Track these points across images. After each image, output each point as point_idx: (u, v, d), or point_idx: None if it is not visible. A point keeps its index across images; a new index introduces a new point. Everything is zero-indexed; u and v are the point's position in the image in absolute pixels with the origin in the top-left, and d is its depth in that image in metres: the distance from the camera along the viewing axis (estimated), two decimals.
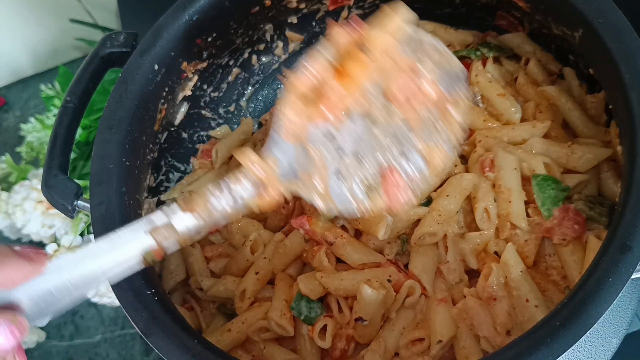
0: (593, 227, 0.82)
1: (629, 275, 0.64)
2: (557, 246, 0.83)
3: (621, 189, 0.73)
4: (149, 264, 0.62)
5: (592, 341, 0.81)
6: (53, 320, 1.20)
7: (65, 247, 1.18)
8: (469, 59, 1.03)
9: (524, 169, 0.87)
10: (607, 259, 0.66)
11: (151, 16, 0.95)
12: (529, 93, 0.96)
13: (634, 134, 0.72)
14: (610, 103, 0.84)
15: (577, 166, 0.87)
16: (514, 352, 0.63)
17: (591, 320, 0.63)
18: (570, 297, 0.65)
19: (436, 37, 1.03)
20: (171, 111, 1.01)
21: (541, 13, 0.93)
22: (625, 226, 0.67)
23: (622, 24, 0.78)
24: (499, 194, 0.86)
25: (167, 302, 0.77)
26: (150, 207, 0.99)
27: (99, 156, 0.84)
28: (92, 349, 1.19)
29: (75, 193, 0.85)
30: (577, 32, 0.85)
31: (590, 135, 0.91)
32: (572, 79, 0.96)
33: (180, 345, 0.70)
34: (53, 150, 0.87)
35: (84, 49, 1.56)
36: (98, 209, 0.80)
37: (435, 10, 1.09)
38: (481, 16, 1.06)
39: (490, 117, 0.95)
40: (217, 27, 0.98)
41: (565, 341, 0.62)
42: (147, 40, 0.91)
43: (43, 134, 1.31)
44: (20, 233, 1.26)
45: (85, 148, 1.31)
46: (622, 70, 0.75)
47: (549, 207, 0.83)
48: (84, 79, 0.92)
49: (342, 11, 1.10)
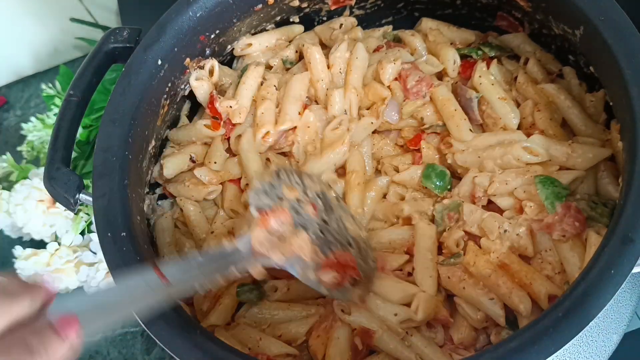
0: (593, 225, 0.83)
1: (630, 268, 0.65)
2: (555, 242, 0.84)
3: (622, 183, 0.74)
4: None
5: (593, 337, 0.82)
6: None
7: (66, 246, 1.18)
8: (470, 58, 1.03)
9: (510, 161, 0.88)
10: (608, 252, 0.66)
11: (151, 15, 0.95)
12: (529, 92, 0.97)
13: (635, 129, 0.72)
14: (610, 100, 0.85)
15: (576, 164, 0.87)
16: (517, 343, 0.63)
17: (593, 311, 0.63)
18: (572, 289, 0.66)
19: (440, 34, 1.04)
20: (174, 107, 1.01)
21: (542, 12, 0.94)
22: (626, 219, 0.67)
23: (623, 21, 0.78)
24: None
25: None
26: (151, 203, 0.99)
27: (101, 149, 0.84)
28: (93, 348, 1.19)
29: (77, 186, 0.85)
30: (578, 30, 0.85)
31: (589, 133, 0.92)
32: (571, 77, 0.96)
33: (181, 335, 0.70)
34: (56, 144, 0.87)
35: (84, 48, 1.56)
36: (100, 201, 0.80)
37: (436, 11, 1.10)
38: (482, 17, 1.07)
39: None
40: (220, 24, 0.99)
41: (567, 332, 0.62)
42: (150, 36, 0.91)
43: (44, 133, 1.31)
44: (21, 232, 1.26)
45: (85, 147, 1.31)
46: (623, 66, 0.76)
47: (552, 200, 0.83)
48: (88, 73, 0.93)
49: (344, 10, 1.11)
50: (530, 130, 0.93)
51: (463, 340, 0.85)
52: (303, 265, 0.80)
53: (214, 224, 0.99)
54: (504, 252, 0.85)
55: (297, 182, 0.88)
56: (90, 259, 1.15)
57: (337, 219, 0.89)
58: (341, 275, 0.83)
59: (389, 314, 0.87)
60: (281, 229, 0.80)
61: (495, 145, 0.92)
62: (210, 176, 0.99)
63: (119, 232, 0.78)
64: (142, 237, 0.84)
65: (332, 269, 0.82)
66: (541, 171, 0.87)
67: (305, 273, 0.80)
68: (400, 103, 1.00)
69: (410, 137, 1.01)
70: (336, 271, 0.82)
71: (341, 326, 0.87)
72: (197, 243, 0.99)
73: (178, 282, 0.67)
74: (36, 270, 1.14)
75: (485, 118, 0.97)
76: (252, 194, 0.81)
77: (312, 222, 0.84)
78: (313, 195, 0.88)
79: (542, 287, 0.80)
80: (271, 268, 0.94)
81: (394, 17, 1.14)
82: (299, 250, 0.80)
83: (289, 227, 0.80)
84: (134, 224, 0.81)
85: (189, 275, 0.69)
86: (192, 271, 0.70)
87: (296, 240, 0.80)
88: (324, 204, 0.89)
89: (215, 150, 1.00)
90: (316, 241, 0.82)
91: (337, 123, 0.98)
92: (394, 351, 0.85)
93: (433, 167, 0.95)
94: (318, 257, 0.82)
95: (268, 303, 0.92)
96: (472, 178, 0.91)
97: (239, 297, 0.92)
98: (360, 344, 0.86)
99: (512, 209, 0.88)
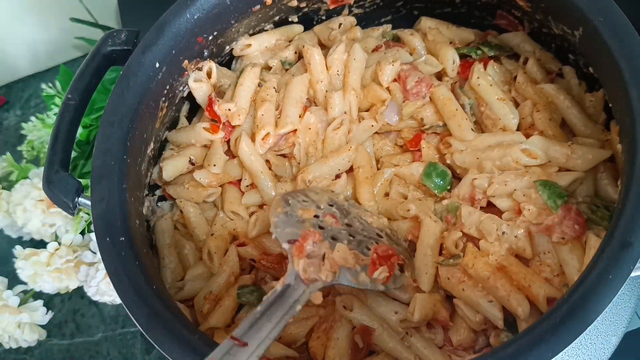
0: (593, 227, 0.83)
1: (629, 272, 0.65)
2: (554, 244, 0.84)
3: (621, 186, 0.73)
4: None
5: (592, 339, 0.82)
6: (54, 318, 1.20)
7: (66, 246, 1.18)
8: (469, 58, 1.03)
9: (508, 163, 0.88)
10: (607, 255, 0.66)
11: (151, 15, 0.95)
12: (528, 92, 0.96)
13: (635, 132, 0.72)
14: (610, 101, 0.84)
15: (575, 166, 0.87)
16: (515, 348, 0.63)
17: (591, 316, 0.63)
18: (570, 294, 0.65)
19: (439, 33, 1.04)
20: (173, 108, 1.01)
21: (541, 12, 0.93)
22: (625, 223, 0.67)
23: (623, 22, 0.78)
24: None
25: (167, 298, 0.77)
26: (151, 204, 0.99)
27: (100, 152, 0.84)
28: (93, 348, 1.19)
29: (76, 190, 0.85)
30: (578, 30, 0.85)
31: (588, 134, 0.91)
32: (571, 77, 0.96)
33: (180, 340, 0.70)
34: (54, 147, 0.87)
35: (84, 48, 1.56)
36: (99, 205, 0.80)
37: (435, 10, 1.10)
38: (481, 15, 1.06)
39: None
40: (218, 25, 0.98)
41: (565, 337, 0.62)
42: (148, 38, 0.91)
43: (44, 133, 1.31)
44: (21, 231, 1.26)
45: (85, 147, 1.31)
46: (623, 67, 0.75)
47: (555, 199, 0.83)
48: (86, 76, 0.93)
49: (343, 9, 1.11)
50: (529, 131, 0.93)
51: (462, 342, 0.86)
52: (353, 273, 0.82)
53: (214, 226, 0.99)
54: (503, 254, 0.85)
55: (306, 201, 0.89)
56: (90, 258, 1.15)
57: (356, 218, 0.90)
58: (389, 267, 0.84)
59: (390, 312, 0.87)
60: (317, 249, 0.81)
61: (494, 146, 0.91)
62: (209, 179, 0.98)
63: (117, 236, 0.78)
64: (142, 240, 0.84)
65: (379, 265, 0.84)
66: (540, 172, 0.87)
67: (358, 279, 0.82)
68: (400, 104, 1.00)
69: (410, 137, 1.01)
70: (383, 265, 0.84)
71: (341, 326, 0.87)
72: (197, 245, 1.00)
73: (254, 339, 0.69)
74: (36, 270, 1.15)
75: (485, 119, 0.96)
76: (276, 231, 0.82)
77: (339, 230, 0.86)
78: (325, 206, 0.89)
79: (540, 290, 0.80)
80: (268, 267, 0.95)
81: (393, 15, 1.14)
82: (343, 262, 0.81)
83: (323, 244, 0.81)
84: (132, 228, 0.81)
85: (261, 329, 0.70)
86: (262, 324, 0.71)
87: (335, 253, 0.81)
88: (338, 210, 0.90)
89: (214, 153, 0.99)
90: (352, 246, 0.83)
91: (339, 123, 0.98)
92: (393, 351, 0.85)
93: (435, 166, 0.95)
94: (361, 259, 0.84)
95: None
96: (472, 180, 0.91)
97: (239, 299, 0.92)
98: (360, 341, 0.87)
99: (512, 210, 0.88)
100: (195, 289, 0.95)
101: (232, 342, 0.67)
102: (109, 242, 0.78)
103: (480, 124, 0.98)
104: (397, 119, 1.00)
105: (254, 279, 0.96)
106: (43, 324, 1.19)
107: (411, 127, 1.01)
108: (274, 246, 0.95)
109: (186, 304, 0.94)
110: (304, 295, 0.75)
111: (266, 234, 0.97)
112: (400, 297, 0.88)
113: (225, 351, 0.66)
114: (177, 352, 0.70)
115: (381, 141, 1.03)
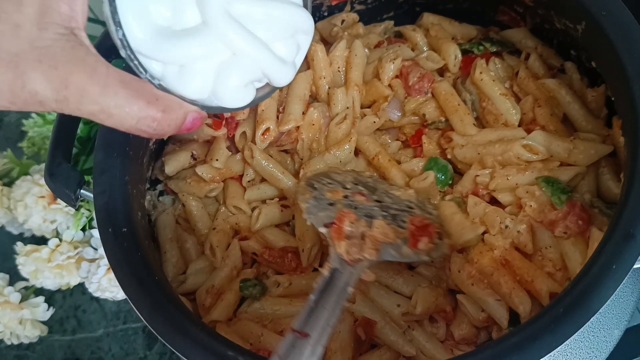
0: (597, 221, 0.83)
1: (632, 263, 0.65)
2: (557, 238, 0.84)
3: (623, 180, 0.73)
4: None
5: (594, 332, 0.82)
6: (55, 315, 1.20)
7: (67, 242, 1.18)
8: (472, 53, 1.03)
9: (510, 158, 0.88)
10: (610, 247, 0.66)
11: None
12: (529, 87, 0.97)
13: (637, 126, 0.72)
14: (612, 96, 0.85)
15: (577, 161, 0.87)
16: (519, 338, 0.63)
17: (595, 307, 0.63)
18: (573, 285, 0.65)
19: (441, 28, 1.04)
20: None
21: (544, 7, 0.93)
22: (628, 215, 0.67)
23: (626, 16, 0.78)
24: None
25: (169, 290, 0.77)
26: (152, 199, 0.99)
27: (103, 145, 0.84)
28: (95, 344, 1.19)
29: (78, 182, 0.84)
30: (580, 25, 0.85)
31: (590, 129, 0.91)
32: (573, 72, 0.96)
33: (183, 331, 0.70)
34: (57, 140, 0.86)
35: None
36: (101, 197, 0.80)
37: (437, 6, 1.10)
38: (483, 11, 1.06)
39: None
40: None
41: (569, 327, 0.62)
42: None
43: (44, 129, 1.31)
44: (22, 228, 1.26)
45: (86, 143, 1.31)
46: (625, 62, 0.75)
47: (559, 195, 0.83)
48: None
49: (345, 6, 1.11)
50: (530, 126, 0.93)
51: (464, 336, 0.85)
52: (395, 248, 0.81)
53: (216, 220, 0.99)
54: (506, 249, 0.84)
55: (331, 183, 0.88)
56: (91, 255, 1.15)
57: (384, 193, 0.90)
58: (428, 236, 0.84)
59: (392, 304, 0.87)
60: (355, 229, 0.80)
61: (495, 141, 0.92)
62: (212, 174, 0.98)
63: (119, 228, 0.78)
64: (143, 233, 0.84)
65: (419, 236, 0.83)
66: (541, 167, 0.87)
67: (402, 252, 0.81)
68: (402, 100, 1.00)
69: (412, 133, 1.01)
70: (423, 236, 0.84)
71: (343, 319, 0.87)
72: (199, 239, 0.99)
73: (314, 329, 0.68)
74: (37, 267, 1.14)
75: (486, 114, 0.96)
76: (310, 217, 0.82)
77: (371, 207, 0.85)
78: (352, 186, 0.89)
79: (543, 285, 0.80)
80: (270, 261, 0.94)
81: (395, 11, 1.14)
82: (384, 238, 0.80)
83: (359, 223, 0.81)
84: (134, 220, 0.81)
85: (319, 317, 0.69)
86: (319, 312, 0.70)
87: (375, 230, 0.81)
88: (365, 187, 0.89)
89: (217, 148, 0.99)
90: (388, 221, 0.83)
91: (342, 117, 0.98)
92: (395, 344, 0.85)
93: (436, 161, 0.95)
94: (400, 233, 0.83)
95: (270, 298, 0.92)
96: (474, 177, 0.91)
97: (241, 292, 0.92)
98: (362, 334, 0.87)
99: (514, 205, 0.88)
100: (197, 283, 0.95)
101: (294, 335, 0.67)
102: (111, 233, 0.78)
103: (482, 119, 0.98)
104: (399, 115, 1.00)
105: (256, 273, 0.96)
106: (44, 320, 1.18)
107: (413, 123, 1.01)
108: (276, 240, 0.95)
109: (188, 297, 0.93)
110: (353, 276, 0.75)
111: (268, 227, 0.97)
112: (402, 290, 0.88)
113: (290, 345, 0.66)
114: (180, 344, 0.69)
115: (382, 137, 1.03)
